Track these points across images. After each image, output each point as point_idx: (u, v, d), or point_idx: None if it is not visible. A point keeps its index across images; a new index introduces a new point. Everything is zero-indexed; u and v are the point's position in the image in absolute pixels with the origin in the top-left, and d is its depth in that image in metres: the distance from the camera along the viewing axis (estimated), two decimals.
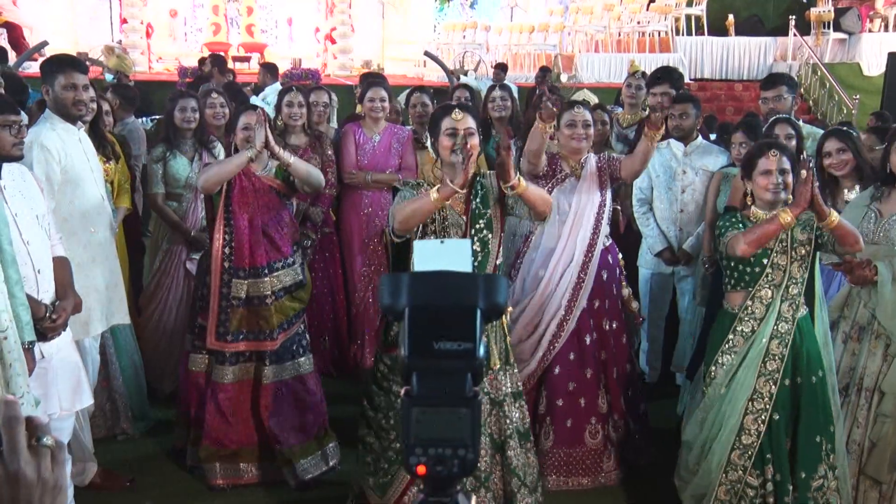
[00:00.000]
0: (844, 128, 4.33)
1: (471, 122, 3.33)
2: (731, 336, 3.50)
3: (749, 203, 3.49)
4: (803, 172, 3.24)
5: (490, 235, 3.40)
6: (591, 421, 4.11)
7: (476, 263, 3.35)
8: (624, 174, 4.14)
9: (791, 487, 3.43)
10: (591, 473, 4.11)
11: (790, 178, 3.39)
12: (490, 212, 3.40)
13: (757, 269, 3.44)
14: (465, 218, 3.38)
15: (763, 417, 3.40)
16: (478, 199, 3.42)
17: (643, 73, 6.25)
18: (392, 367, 3.46)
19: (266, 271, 3.93)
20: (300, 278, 4.05)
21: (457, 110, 3.32)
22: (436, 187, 3.25)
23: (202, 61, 10.52)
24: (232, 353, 3.96)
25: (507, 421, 3.42)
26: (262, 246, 3.93)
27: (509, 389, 3.47)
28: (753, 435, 3.41)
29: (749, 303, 3.45)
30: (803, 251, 3.43)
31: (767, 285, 3.42)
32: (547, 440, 4.08)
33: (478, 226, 3.40)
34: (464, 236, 3.31)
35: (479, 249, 3.37)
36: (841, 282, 4.12)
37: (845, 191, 4.13)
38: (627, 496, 4.08)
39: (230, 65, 11.47)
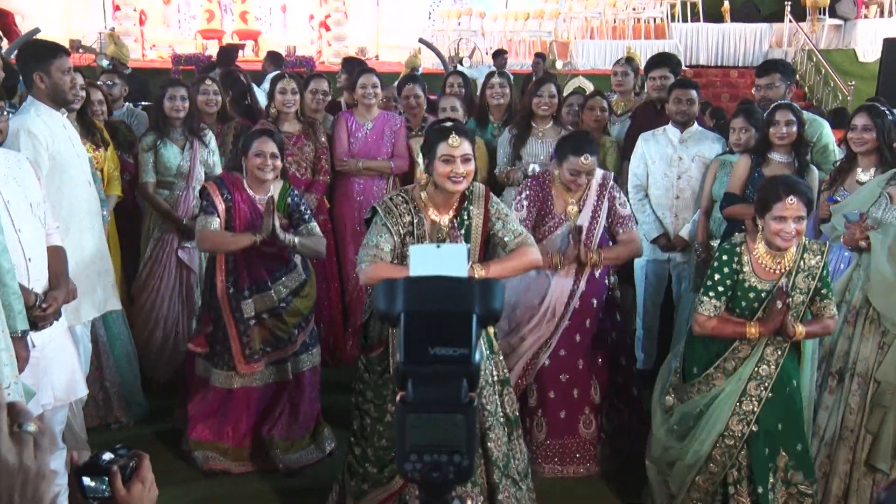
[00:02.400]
0: (882, 107, 4.27)
1: (467, 148, 3.18)
2: (711, 370, 3.41)
3: (757, 228, 3.35)
4: (778, 303, 3.21)
5: None
6: (585, 411, 4.10)
7: None
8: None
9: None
10: (586, 462, 4.11)
11: (804, 226, 3.26)
12: (470, 246, 3.28)
13: (748, 313, 3.35)
14: None
15: (732, 453, 3.37)
16: (461, 231, 3.30)
17: (628, 59, 6.25)
18: (368, 369, 3.42)
19: (269, 283, 3.92)
20: (304, 277, 4.04)
21: (453, 135, 3.16)
22: None
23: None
24: None
25: (486, 412, 3.31)
26: (261, 260, 3.91)
27: (495, 377, 3.40)
28: (719, 466, 3.38)
29: (737, 342, 3.37)
30: (800, 298, 3.32)
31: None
32: (540, 432, 4.06)
33: None
34: None
35: None
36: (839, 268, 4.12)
37: (859, 170, 4.10)
38: (622, 483, 4.08)
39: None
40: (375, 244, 3.20)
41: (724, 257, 3.37)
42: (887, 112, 4.16)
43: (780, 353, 3.34)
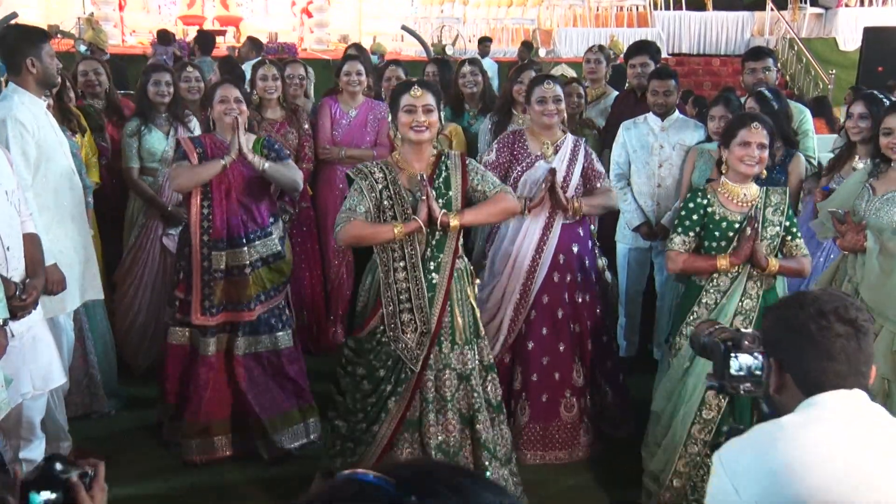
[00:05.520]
0: (880, 95, 4.28)
1: (430, 99, 3.28)
2: (695, 308, 3.52)
3: (723, 172, 3.49)
4: (748, 230, 3.35)
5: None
6: (566, 394, 4.12)
7: (434, 243, 3.32)
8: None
9: None
10: (568, 447, 4.13)
11: (766, 154, 3.42)
12: (452, 193, 3.34)
13: (723, 244, 3.45)
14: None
15: (710, 427, 3.41)
16: (440, 180, 3.35)
17: (600, 47, 6.26)
18: (356, 351, 3.45)
19: (243, 241, 3.92)
20: (278, 249, 4.03)
21: (416, 87, 3.29)
22: (400, 223, 3.20)
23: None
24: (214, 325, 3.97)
25: (475, 395, 3.40)
26: (238, 216, 3.93)
27: (477, 363, 3.44)
28: (714, 409, 3.42)
29: (715, 275, 3.46)
30: (773, 231, 3.43)
31: None
32: (523, 415, 4.08)
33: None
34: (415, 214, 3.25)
35: (438, 229, 3.30)
36: (826, 258, 4.15)
37: (857, 157, 4.14)
38: (605, 469, 4.09)
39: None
40: (349, 207, 3.27)
41: (690, 197, 3.56)
42: (885, 100, 4.18)
43: (759, 285, 3.44)
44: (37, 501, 1.52)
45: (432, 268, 3.32)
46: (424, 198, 3.21)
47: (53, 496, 1.54)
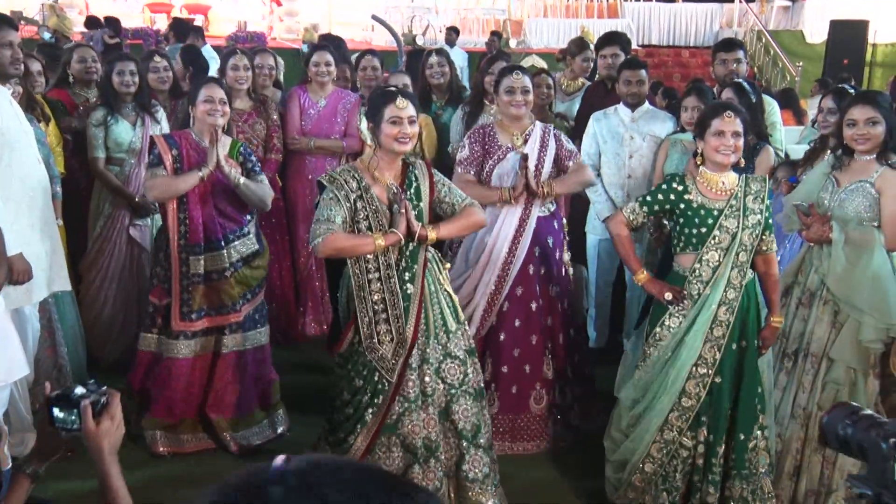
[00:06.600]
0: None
1: (412, 111, 3.27)
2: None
3: (699, 163, 3.51)
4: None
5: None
6: (536, 387, 4.13)
7: (408, 254, 3.30)
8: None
9: (720, 448, 3.48)
10: (536, 438, 4.15)
11: (741, 142, 3.42)
12: (422, 204, 3.34)
13: (703, 231, 3.44)
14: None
15: (705, 382, 3.43)
16: (411, 190, 3.33)
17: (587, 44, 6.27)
18: (341, 364, 3.42)
19: (222, 243, 3.89)
20: (256, 247, 4.01)
21: (400, 97, 3.26)
22: (380, 235, 3.18)
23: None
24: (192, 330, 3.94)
25: (446, 386, 3.38)
26: (215, 219, 3.89)
27: (461, 350, 3.43)
28: (694, 399, 3.44)
29: (697, 265, 3.44)
30: (754, 220, 3.43)
31: (715, 248, 3.42)
32: (492, 407, 4.08)
33: None
34: (391, 226, 3.24)
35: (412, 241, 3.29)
36: (793, 247, 4.19)
37: (829, 151, 4.19)
38: (572, 461, 4.10)
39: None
40: (327, 217, 3.20)
41: (668, 180, 3.55)
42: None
43: (743, 274, 3.43)
44: (55, 415, 1.78)
45: (407, 278, 3.30)
46: (403, 211, 3.20)
47: (62, 414, 1.77)
